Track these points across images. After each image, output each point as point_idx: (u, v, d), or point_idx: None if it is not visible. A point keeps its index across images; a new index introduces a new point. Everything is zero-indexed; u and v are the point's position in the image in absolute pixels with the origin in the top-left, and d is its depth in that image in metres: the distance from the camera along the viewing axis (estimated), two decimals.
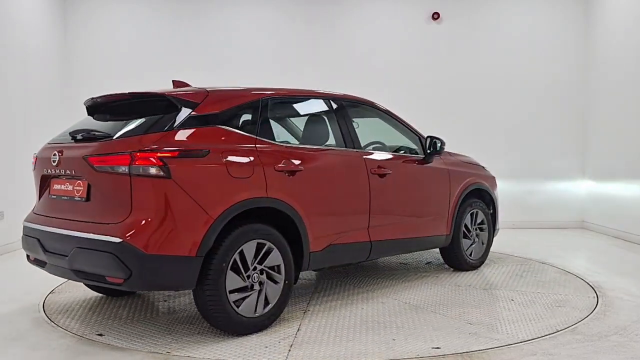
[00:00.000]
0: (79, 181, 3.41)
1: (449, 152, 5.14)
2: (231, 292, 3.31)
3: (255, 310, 3.44)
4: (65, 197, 3.51)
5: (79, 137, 3.52)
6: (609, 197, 7.48)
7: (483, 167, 5.57)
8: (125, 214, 3.14)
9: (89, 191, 3.34)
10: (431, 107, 8.11)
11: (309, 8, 8.13)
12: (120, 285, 3.18)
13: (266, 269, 3.50)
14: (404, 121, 4.89)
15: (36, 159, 3.87)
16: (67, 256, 3.30)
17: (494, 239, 5.63)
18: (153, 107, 3.51)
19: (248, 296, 3.40)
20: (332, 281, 4.92)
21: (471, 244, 5.24)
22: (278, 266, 3.57)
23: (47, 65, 7.53)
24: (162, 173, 3.12)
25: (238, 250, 3.34)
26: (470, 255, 5.23)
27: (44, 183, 3.78)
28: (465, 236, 5.16)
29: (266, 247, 3.49)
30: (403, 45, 8.16)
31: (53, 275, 3.72)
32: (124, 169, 3.13)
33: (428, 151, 4.79)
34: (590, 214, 8.00)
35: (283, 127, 4.52)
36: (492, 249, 5.65)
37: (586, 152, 8.10)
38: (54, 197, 3.63)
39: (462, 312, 3.93)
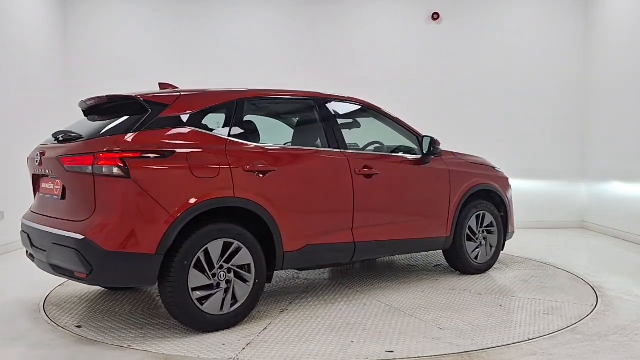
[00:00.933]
0: (57, 180, 3.60)
1: (452, 152, 5.04)
2: (194, 289, 3.38)
3: (222, 308, 3.51)
4: (49, 196, 3.72)
5: (60, 138, 3.68)
6: (609, 197, 7.48)
7: (493, 168, 5.38)
8: (89, 212, 3.29)
9: (63, 190, 3.51)
10: (431, 107, 8.11)
11: (309, 8, 8.13)
12: (84, 281, 3.34)
13: (234, 267, 3.56)
14: (400, 121, 4.82)
15: (27, 159, 4.09)
16: (45, 251, 3.50)
17: (508, 241, 5.45)
18: (127, 109, 3.64)
19: (213, 294, 3.47)
20: (326, 280, 4.93)
21: (476, 247, 5.08)
22: (248, 265, 3.62)
23: (47, 65, 7.53)
24: (121, 173, 3.23)
25: (202, 249, 3.41)
26: (476, 258, 5.08)
27: (36, 182, 4.01)
28: (469, 239, 5.02)
29: (234, 246, 3.55)
30: (403, 46, 8.16)
31: (53, 275, 3.76)
32: (88, 169, 3.28)
33: (424, 152, 4.69)
34: (590, 214, 8.00)
35: (261, 127, 4.41)
36: (506, 251, 5.52)
37: (586, 152, 8.10)
38: (42, 195, 3.86)
39: (438, 317, 3.84)
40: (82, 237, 3.22)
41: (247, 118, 3.97)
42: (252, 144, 3.78)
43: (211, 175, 3.48)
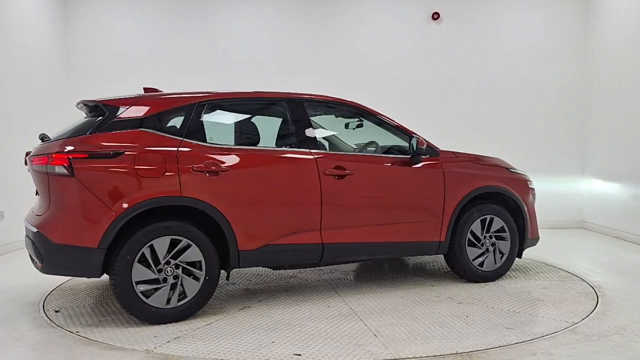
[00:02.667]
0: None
1: (453, 152, 4.78)
2: (138, 282, 3.61)
3: (168, 302, 3.70)
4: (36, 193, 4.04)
5: (42, 139, 4.01)
6: (609, 197, 7.48)
7: (507, 169, 4.99)
8: (46, 208, 3.68)
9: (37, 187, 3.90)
10: (431, 106, 8.11)
11: (309, 8, 8.13)
12: (40, 270, 3.70)
13: (183, 264, 3.72)
14: (391, 121, 4.67)
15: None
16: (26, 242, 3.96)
17: (528, 249, 5.14)
18: (94, 112, 3.97)
19: (159, 288, 3.66)
20: (314, 281, 4.93)
21: (481, 254, 4.76)
22: (199, 262, 3.76)
23: (47, 65, 7.53)
24: (67, 172, 3.53)
25: (147, 245, 3.62)
26: (481, 266, 4.76)
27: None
28: (472, 244, 4.71)
29: (182, 243, 3.71)
30: (403, 45, 8.16)
31: (53, 275, 3.84)
32: (44, 168, 3.64)
33: (411, 151, 4.49)
34: (590, 214, 8.00)
35: (223, 129, 4.47)
36: (531, 256, 5.33)
37: (586, 152, 8.10)
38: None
39: (386, 324, 3.70)
40: (36, 230, 3.64)
41: (207, 120, 4.07)
42: (208, 145, 3.90)
43: (156, 175, 3.67)
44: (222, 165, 3.84)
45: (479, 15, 8.15)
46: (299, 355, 3.17)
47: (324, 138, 4.86)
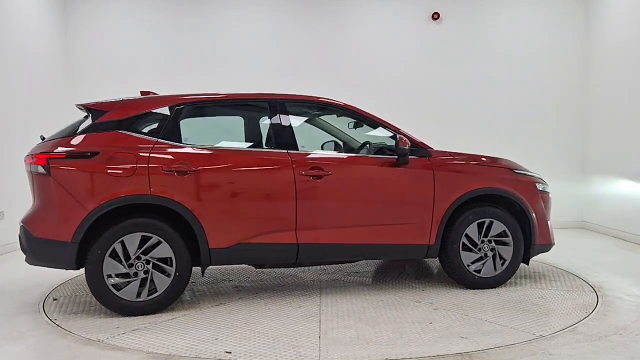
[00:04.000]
0: None
1: (449, 153, 4.63)
2: (109, 276, 3.84)
3: (139, 296, 3.90)
4: None
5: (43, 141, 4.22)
6: (609, 197, 7.48)
7: (511, 170, 4.71)
8: (32, 205, 4.02)
9: None
10: (431, 107, 8.11)
11: (308, 8, 8.13)
12: (26, 261, 4.00)
13: (153, 260, 3.91)
14: (381, 121, 4.56)
15: None
16: None
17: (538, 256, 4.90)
18: (82, 114, 4.24)
19: (130, 282, 3.88)
20: (307, 281, 4.93)
21: (478, 259, 4.55)
22: (170, 259, 3.94)
23: (47, 66, 7.53)
24: (44, 172, 3.84)
25: (118, 241, 3.85)
26: (478, 272, 4.55)
27: None
28: (467, 249, 4.53)
29: (152, 240, 3.90)
30: (403, 45, 8.15)
31: (53, 275, 3.85)
32: (30, 167, 3.96)
33: (397, 152, 4.36)
34: (590, 214, 8.00)
35: (200, 130, 4.57)
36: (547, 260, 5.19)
37: (586, 152, 8.10)
38: None
39: (339, 327, 3.66)
40: (21, 224, 3.98)
41: (184, 122, 4.21)
42: (181, 146, 4.06)
43: (127, 174, 3.88)
44: (192, 165, 3.98)
45: (479, 16, 8.15)
46: (229, 353, 3.23)
47: (331, 138, 4.88)
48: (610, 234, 7.38)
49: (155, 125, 4.09)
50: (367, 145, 4.81)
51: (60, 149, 3.91)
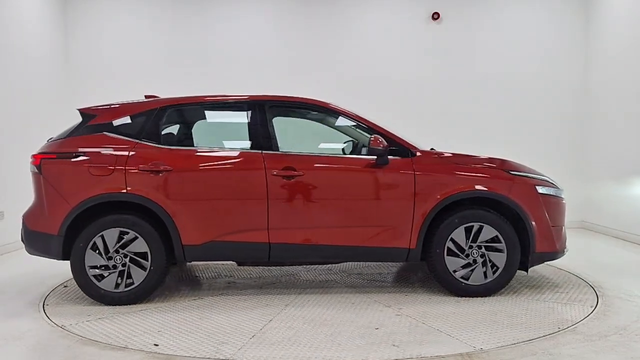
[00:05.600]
0: None
1: (436, 152, 4.45)
2: (91, 267, 4.15)
3: (117, 287, 4.18)
4: None
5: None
6: (609, 197, 7.48)
7: (505, 171, 4.40)
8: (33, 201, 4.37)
9: None
10: (430, 107, 8.11)
11: (308, 8, 8.13)
12: (25, 250, 4.36)
13: (130, 254, 4.17)
14: (364, 120, 4.46)
15: None
16: None
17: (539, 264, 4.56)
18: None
19: (110, 273, 4.17)
20: (306, 282, 4.93)
21: (466, 265, 4.29)
22: (146, 253, 4.18)
23: (48, 67, 7.53)
24: (37, 171, 4.24)
25: (98, 235, 4.14)
26: (466, 279, 4.29)
27: None
28: (453, 254, 4.28)
29: (129, 235, 4.16)
30: (403, 45, 8.16)
31: (53, 276, 3.85)
32: (30, 167, 4.33)
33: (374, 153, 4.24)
34: (590, 214, 8.00)
35: (180, 131, 4.73)
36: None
37: (586, 152, 8.10)
38: None
39: (281, 327, 3.66)
40: (22, 217, 4.35)
41: (165, 124, 4.46)
42: (157, 146, 4.28)
43: (106, 173, 4.15)
44: (166, 165, 4.18)
45: (479, 15, 8.15)
46: (157, 345, 3.36)
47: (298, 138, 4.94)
48: (610, 234, 7.38)
49: (137, 128, 4.34)
50: (351, 145, 4.79)
51: (51, 149, 4.27)
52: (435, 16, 8.06)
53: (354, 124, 4.56)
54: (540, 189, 4.45)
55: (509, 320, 3.78)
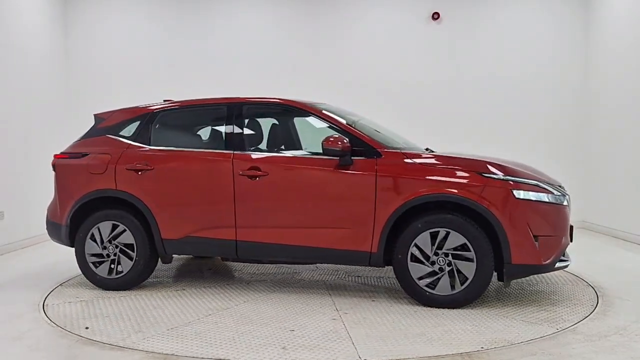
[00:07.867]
0: None
1: (403, 152, 4.22)
2: (91, 255, 4.64)
3: (109, 274, 4.63)
4: None
5: None
6: (609, 197, 7.48)
7: (479, 173, 3.99)
8: None
9: None
10: (430, 107, 8.10)
11: (308, 8, 8.13)
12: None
13: (120, 245, 4.61)
14: (326, 117, 4.42)
15: None
16: None
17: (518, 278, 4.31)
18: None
19: (104, 262, 4.64)
20: (300, 282, 4.93)
21: (430, 273, 4.00)
22: (133, 244, 4.58)
23: (48, 68, 7.52)
24: (53, 169, 4.90)
25: (95, 227, 4.63)
26: (432, 287, 4.00)
27: None
28: (417, 260, 4.03)
29: (119, 228, 4.60)
30: (403, 45, 8.15)
31: (53, 276, 3.86)
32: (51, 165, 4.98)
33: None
34: (590, 214, 8.00)
35: (170, 133, 4.96)
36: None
37: (586, 152, 8.09)
38: None
39: (230, 326, 3.68)
40: (46, 210, 5.00)
41: (156, 126, 4.82)
42: (146, 147, 4.68)
43: (100, 171, 4.64)
44: (148, 164, 4.57)
45: (479, 16, 8.15)
46: (87, 328, 3.67)
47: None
48: (610, 234, 7.37)
49: (133, 130, 4.80)
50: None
51: (66, 150, 4.94)
52: (435, 16, 8.06)
53: (327, 124, 4.42)
54: (521, 194, 3.96)
55: (554, 302, 4.01)
